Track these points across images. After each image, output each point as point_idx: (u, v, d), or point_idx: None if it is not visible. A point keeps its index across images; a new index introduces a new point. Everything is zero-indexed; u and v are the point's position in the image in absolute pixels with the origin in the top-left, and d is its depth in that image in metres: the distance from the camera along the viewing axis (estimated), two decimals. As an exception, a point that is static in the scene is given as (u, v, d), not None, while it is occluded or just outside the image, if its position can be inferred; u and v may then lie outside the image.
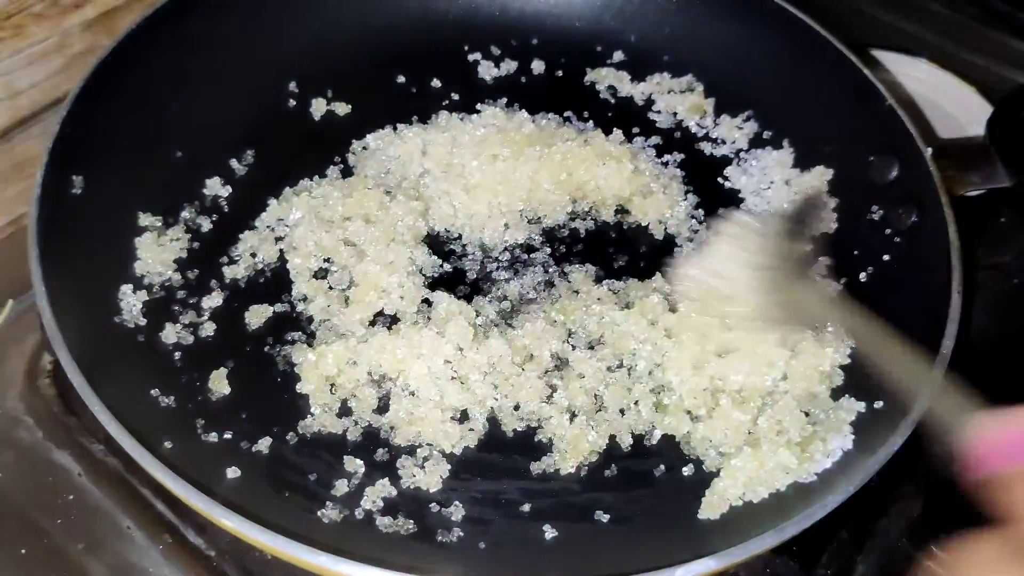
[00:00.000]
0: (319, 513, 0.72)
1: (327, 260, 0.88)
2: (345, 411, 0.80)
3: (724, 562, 0.64)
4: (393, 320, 0.85)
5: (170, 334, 0.82)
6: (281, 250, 0.89)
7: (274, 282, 0.87)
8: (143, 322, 0.82)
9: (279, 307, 0.86)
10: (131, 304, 0.82)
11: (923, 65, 1.18)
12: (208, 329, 0.83)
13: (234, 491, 0.72)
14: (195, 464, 0.69)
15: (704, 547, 0.65)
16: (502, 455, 0.79)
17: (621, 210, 0.96)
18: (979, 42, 1.26)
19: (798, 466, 0.75)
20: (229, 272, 0.87)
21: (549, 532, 0.74)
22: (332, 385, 0.80)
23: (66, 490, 0.80)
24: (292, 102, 1.02)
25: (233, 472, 0.73)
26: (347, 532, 0.71)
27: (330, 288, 0.86)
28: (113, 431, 0.67)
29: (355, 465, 0.76)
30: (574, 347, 0.84)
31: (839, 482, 0.72)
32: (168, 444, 0.72)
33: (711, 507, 0.75)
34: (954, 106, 1.16)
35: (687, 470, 0.78)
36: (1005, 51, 1.25)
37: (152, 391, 0.77)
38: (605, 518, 0.75)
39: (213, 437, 0.76)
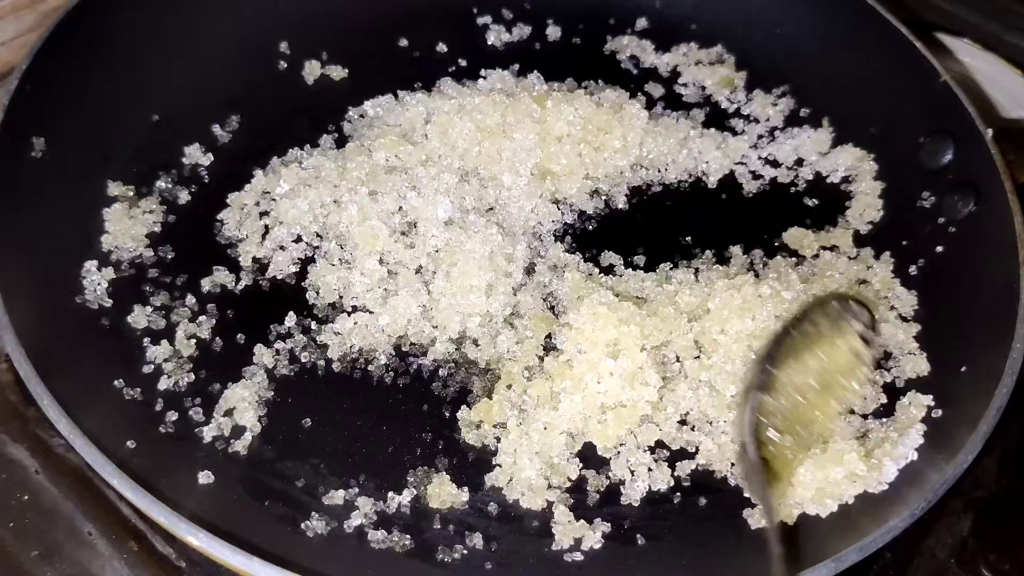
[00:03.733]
0: (303, 525, 0.65)
1: (317, 235, 0.81)
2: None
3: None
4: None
5: (139, 317, 0.74)
6: (266, 225, 0.81)
7: (258, 262, 0.80)
8: (108, 303, 0.75)
9: (264, 288, 0.78)
10: (95, 283, 0.75)
11: (966, 46, 1.11)
12: (182, 313, 0.75)
13: (205, 499, 0.64)
14: (161, 467, 0.63)
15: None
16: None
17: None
18: (1022, 23, 1.19)
19: (867, 473, 0.67)
20: (207, 249, 0.80)
21: (568, 554, 0.66)
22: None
23: (21, 489, 0.73)
24: (283, 64, 0.94)
25: (206, 477, 0.66)
26: (334, 548, 0.64)
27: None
28: (63, 428, 0.59)
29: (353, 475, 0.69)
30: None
31: (896, 500, 0.65)
32: (131, 444, 0.65)
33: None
34: (997, 89, 1.09)
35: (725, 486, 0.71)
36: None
37: (115, 382, 0.70)
38: (634, 539, 0.67)
39: (183, 435, 0.69)
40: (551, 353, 0.75)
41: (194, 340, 0.74)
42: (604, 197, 0.88)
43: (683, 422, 0.73)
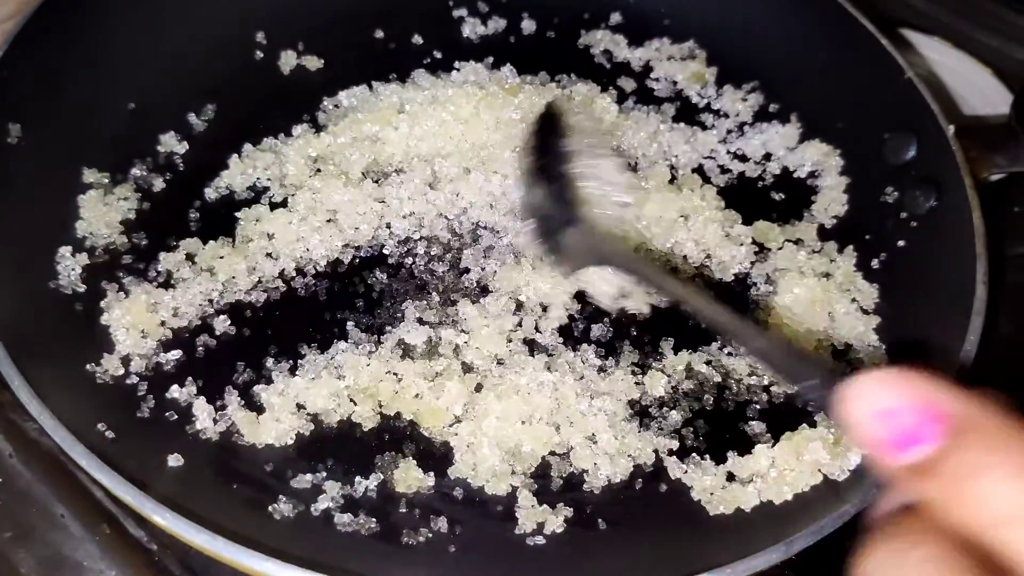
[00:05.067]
0: (270, 508, 0.65)
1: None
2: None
3: (725, 577, 0.57)
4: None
5: (111, 303, 0.74)
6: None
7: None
8: (82, 289, 0.74)
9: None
10: (69, 268, 0.75)
11: (937, 44, 1.12)
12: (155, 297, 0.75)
13: (174, 481, 0.65)
14: (131, 449, 0.63)
15: (702, 561, 0.59)
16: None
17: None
18: (993, 22, 1.20)
19: (831, 462, 0.68)
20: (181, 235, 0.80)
21: (530, 537, 0.66)
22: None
23: (-6, 473, 0.73)
24: (259, 54, 0.94)
25: (175, 460, 0.66)
26: (299, 531, 0.64)
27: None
28: (34, 409, 0.60)
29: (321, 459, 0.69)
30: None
31: (850, 486, 0.67)
32: (101, 426, 0.65)
33: (727, 502, 0.68)
34: (968, 87, 1.10)
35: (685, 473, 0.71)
36: (1020, 32, 1.18)
37: (87, 366, 0.70)
38: (595, 524, 0.68)
39: (154, 419, 0.69)
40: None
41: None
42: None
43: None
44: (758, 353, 0.58)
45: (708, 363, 0.77)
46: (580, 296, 0.79)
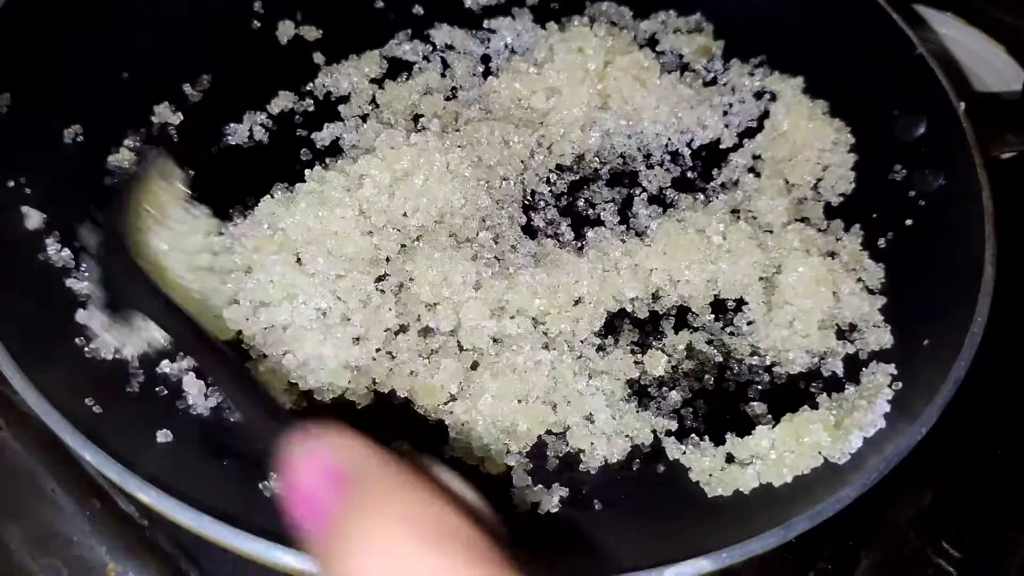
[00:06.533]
0: (260, 486, 0.64)
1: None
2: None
3: (720, 563, 0.56)
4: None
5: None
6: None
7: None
8: (72, 263, 0.73)
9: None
10: (58, 241, 0.73)
11: (949, 20, 1.10)
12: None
13: (163, 458, 0.63)
14: (119, 425, 0.62)
15: (698, 544, 0.57)
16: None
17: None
18: (1008, -1, 1.17)
19: (831, 444, 0.67)
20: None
21: (525, 518, 0.65)
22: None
23: (-16, 447, 0.73)
24: (256, 23, 0.93)
25: (164, 436, 0.65)
26: (289, 510, 0.63)
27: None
28: (18, 384, 0.59)
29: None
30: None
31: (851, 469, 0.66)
32: (89, 401, 0.63)
33: (726, 484, 0.68)
34: (980, 64, 1.08)
35: (682, 453, 0.70)
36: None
37: (76, 339, 0.68)
38: (591, 504, 0.67)
39: (144, 394, 0.68)
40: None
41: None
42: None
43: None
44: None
45: (709, 343, 0.76)
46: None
